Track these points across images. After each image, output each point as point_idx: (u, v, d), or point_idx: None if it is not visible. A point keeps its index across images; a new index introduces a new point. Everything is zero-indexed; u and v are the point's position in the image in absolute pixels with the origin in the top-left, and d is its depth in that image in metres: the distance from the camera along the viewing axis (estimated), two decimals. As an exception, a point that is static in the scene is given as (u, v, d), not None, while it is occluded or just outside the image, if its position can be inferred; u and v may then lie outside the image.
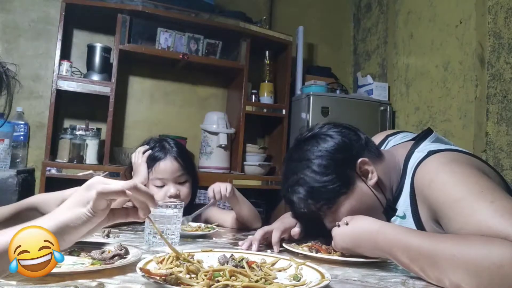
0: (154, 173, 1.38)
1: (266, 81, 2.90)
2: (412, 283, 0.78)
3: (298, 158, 0.99)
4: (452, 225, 0.80)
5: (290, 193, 0.98)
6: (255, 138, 3.09)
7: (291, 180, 0.98)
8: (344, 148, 0.96)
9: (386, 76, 2.98)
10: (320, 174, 0.94)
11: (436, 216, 0.87)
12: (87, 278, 0.68)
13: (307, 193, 0.95)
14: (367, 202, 0.96)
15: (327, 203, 0.94)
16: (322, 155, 0.95)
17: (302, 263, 0.78)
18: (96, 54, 2.45)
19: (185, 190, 1.39)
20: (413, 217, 0.94)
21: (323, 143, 0.97)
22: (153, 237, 1.02)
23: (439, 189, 0.84)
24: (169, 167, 1.37)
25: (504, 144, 2.05)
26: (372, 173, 0.96)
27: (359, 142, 0.99)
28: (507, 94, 2.07)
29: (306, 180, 0.95)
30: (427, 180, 0.88)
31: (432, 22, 2.56)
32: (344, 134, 0.99)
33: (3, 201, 1.98)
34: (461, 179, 0.82)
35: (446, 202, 0.82)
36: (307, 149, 0.98)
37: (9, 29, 2.49)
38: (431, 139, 1.01)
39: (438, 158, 0.91)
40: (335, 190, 0.93)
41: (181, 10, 2.54)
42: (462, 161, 0.88)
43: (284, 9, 3.25)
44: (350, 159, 0.96)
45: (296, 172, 0.98)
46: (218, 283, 0.63)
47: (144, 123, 2.78)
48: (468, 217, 0.76)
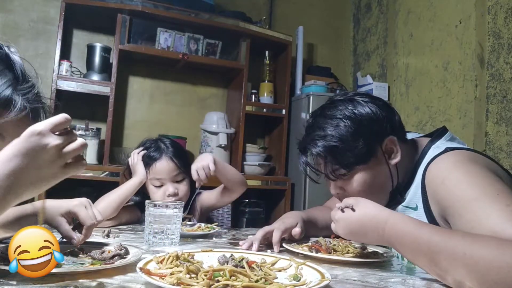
0: (151, 174, 1.39)
1: (266, 81, 2.90)
2: (412, 283, 0.78)
3: (329, 115, 0.97)
4: (462, 224, 0.79)
5: (310, 146, 0.96)
6: (255, 138, 3.09)
7: (316, 134, 0.96)
8: (377, 120, 0.95)
9: (386, 76, 2.98)
10: (347, 136, 0.92)
11: (444, 213, 0.86)
12: (87, 278, 0.68)
13: (327, 151, 0.93)
14: (381, 179, 0.95)
15: (343, 167, 0.93)
16: (355, 118, 0.94)
17: (302, 263, 0.79)
18: (96, 54, 2.45)
19: (183, 188, 1.40)
20: (425, 209, 0.93)
21: (360, 108, 0.95)
22: (153, 237, 1.02)
23: (453, 186, 0.83)
24: (165, 166, 1.39)
25: (504, 144, 2.05)
26: (396, 153, 0.96)
27: (393, 121, 0.98)
28: (507, 94, 2.07)
29: (331, 138, 0.93)
30: (440, 177, 0.87)
31: (432, 22, 2.56)
32: (381, 107, 0.97)
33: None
34: (476, 180, 0.81)
35: (460, 201, 0.80)
36: (340, 108, 0.96)
37: (9, 29, 2.49)
38: (446, 138, 1.00)
39: (454, 156, 0.89)
40: (356, 157, 0.92)
41: (181, 10, 2.54)
42: (478, 161, 0.87)
43: (284, 9, 3.25)
44: (380, 133, 0.95)
45: (323, 127, 0.95)
46: (218, 283, 0.63)
47: (144, 123, 2.78)
48: (482, 218, 0.75)
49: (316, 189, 2.63)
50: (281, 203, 2.76)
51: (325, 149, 0.94)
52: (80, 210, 0.87)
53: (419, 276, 0.84)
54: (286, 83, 2.86)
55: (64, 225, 0.85)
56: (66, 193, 2.57)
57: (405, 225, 0.78)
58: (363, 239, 0.85)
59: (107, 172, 2.29)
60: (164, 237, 1.02)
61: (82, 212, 0.87)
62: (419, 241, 0.74)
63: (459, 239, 0.71)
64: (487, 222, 0.73)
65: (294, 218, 1.11)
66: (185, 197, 1.40)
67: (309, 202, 2.61)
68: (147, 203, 1.05)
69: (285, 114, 2.82)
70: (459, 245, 0.70)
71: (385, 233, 0.80)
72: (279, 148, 2.85)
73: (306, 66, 3.16)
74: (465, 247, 0.69)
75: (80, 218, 0.87)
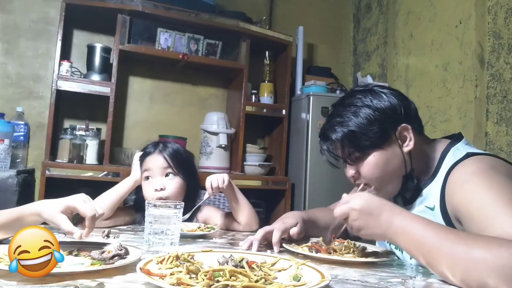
0: (143, 167, 1.39)
1: (266, 81, 2.90)
2: (412, 283, 0.78)
3: (348, 103, 1.02)
4: (474, 227, 0.81)
5: (329, 131, 1.02)
6: (255, 138, 3.09)
7: (335, 120, 1.02)
8: (392, 107, 1.00)
9: (386, 76, 2.98)
10: (363, 122, 0.98)
11: (458, 216, 0.88)
12: (87, 278, 0.68)
13: (345, 135, 0.99)
14: (394, 164, 0.99)
15: (358, 150, 0.98)
16: (372, 107, 0.99)
17: (302, 263, 0.79)
18: (96, 54, 2.45)
19: (172, 186, 1.35)
20: (441, 210, 0.95)
21: (377, 98, 1.00)
22: (153, 237, 1.03)
23: (470, 190, 0.86)
24: (155, 160, 1.37)
25: (504, 144, 2.05)
26: (409, 141, 0.99)
27: (408, 110, 1.02)
28: (507, 94, 2.07)
29: (348, 124, 0.99)
30: (460, 181, 0.90)
31: (432, 22, 2.56)
32: (399, 98, 1.02)
33: (3, 201, 1.98)
34: (494, 186, 0.83)
35: (474, 204, 0.83)
36: (359, 98, 1.02)
37: (9, 29, 2.49)
38: (464, 142, 1.04)
39: (477, 163, 0.92)
40: (371, 141, 0.97)
41: (181, 10, 2.54)
42: (499, 168, 0.89)
43: (284, 9, 3.26)
44: (395, 120, 0.99)
45: (341, 115, 1.01)
46: (218, 283, 0.63)
47: (144, 123, 2.78)
48: (493, 222, 0.77)
49: (316, 189, 2.64)
50: (281, 203, 2.76)
51: (343, 134, 0.99)
52: (79, 203, 0.87)
53: (419, 276, 0.84)
54: (286, 83, 2.86)
55: (65, 220, 0.84)
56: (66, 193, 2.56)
57: (412, 223, 0.80)
58: (371, 221, 0.84)
59: (107, 172, 2.29)
60: (164, 237, 1.02)
61: (82, 205, 0.87)
62: (423, 240, 0.77)
63: (462, 238, 0.74)
64: (498, 225, 0.75)
65: (294, 218, 1.11)
66: (174, 196, 1.35)
67: (309, 202, 2.61)
68: (147, 203, 1.05)
69: (285, 114, 2.82)
70: (459, 245, 0.72)
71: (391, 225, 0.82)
72: (279, 148, 2.85)
73: (306, 66, 3.16)
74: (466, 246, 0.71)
75: (80, 211, 0.86)
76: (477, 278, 0.68)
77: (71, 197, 0.89)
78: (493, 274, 0.67)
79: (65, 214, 0.86)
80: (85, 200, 0.89)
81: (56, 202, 0.87)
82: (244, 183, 2.56)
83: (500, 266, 0.66)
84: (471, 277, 0.69)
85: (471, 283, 0.69)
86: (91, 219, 0.86)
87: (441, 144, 1.05)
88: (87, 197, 0.91)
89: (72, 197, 0.89)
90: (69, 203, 0.87)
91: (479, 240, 0.72)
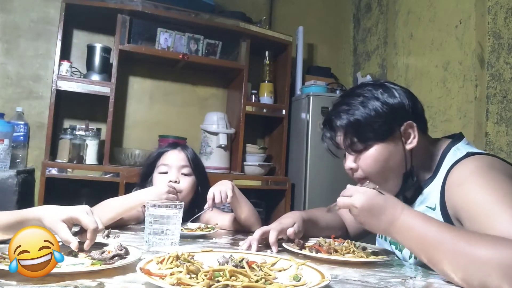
0: (160, 162, 1.43)
1: (266, 81, 2.90)
2: (412, 283, 0.78)
3: (358, 94, 1.02)
4: (474, 227, 0.81)
5: (335, 118, 1.02)
6: (255, 138, 3.09)
7: (342, 108, 1.02)
8: (400, 103, 1.00)
9: (386, 76, 2.98)
10: (370, 113, 0.98)
11: (458, 216, 0.88)
12: (87, 278, 0.68)
13: (350, 123, 0.99)
14: (395, 161, 0.98)
15: (361, 141, 0.98)
16: (381, 100, 0.99)
17: (302, 263, 0.79)
18: (96, 54, 2.45)
19: (186, 183, 1.40)
20: (441, 210, 0.95)
21: (388, 93, 1.01)
22: (153, 237, 1.02)
23: (469, 190, 0.85)
24: (176, 155, 1.44)
25: (504, 144, 2.05)
26: (413, 138, 0.99)
27: (416, 108, 1.03)
28: (507, 94, 2.07)
29: (355, 112, 0.99)
30: (459, 180, 0.90)
31: (432, 22, 2.56)
32: (408, 96, 1.02)
33: (3, 201, 1.98)
34: (493, 185, 0.83)
35: (473, 204, 0.83)
36: (369, 89, 1.02)
37: (9, 29, 2.49)
38: (465, 142, 1.04)
39: (475, 161, 0.92)
40: (375, 133, 0.97)
41: (181, 10, 2.54)
42: (499, 168, 0.89)
43: (284, 9, 3.26)
44: (401, 115, 0.99)
45: (349, 103, 1.01)
46: (218, 283, 0.63)
47: (144, 123, 2.78)
48: (493, 222, 0.77)
49: (316, 189, 2.64)
50: (281, 203, 2.76)
51: (348, 122, 0.99)
52: (82, 215, 0.87)
53: (419, 276, 0.84)
54: (286, 83, 2.86)
55: (64, 229, 0.85)
56: (66, 193, 2.57)
57: (414, 220, 0.81)
58: (372, 220, 0.85)
59: (107, 172, 2.29)
60: (164, 237, 1.02)
61: (85, 217, 0.87)
62: (425, 237, 0.77)
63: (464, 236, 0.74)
64: (498, 225, 0.75)
65: (292, 218, 1.11)
66: (186, 194, 1.39)
67: (309, 202, 2.61)
68: (147, 204, 1.05)
69: (285, 114, 2.82)
70: (462, 243, 0.72)
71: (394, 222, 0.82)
72: (279, 148, 2.85)
73: (306, 66, 3.16)
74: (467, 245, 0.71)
75: (83, 223, 0.87)
76: (479, 276, 0.68)
77: (75, 208, 0.89)
78: (496, 273, 0.67)
79: (65, 224, 0.86)
80: (88, 212, 0.90)
81: (59, 210, 0.87)
82: (244, 183, 2.56)
83: (503, 265, 0.67)
84: (473, 276, 0.69)
85: (473, 282, 0.69)
86: (93, 231, 0.87)
87: (442, 143, 1.05)
88: (90, 209, 0.92)
89: (75, 208, 0.89)
90: (73, 214, 0.87)
91: (481, 239, 0.72)
